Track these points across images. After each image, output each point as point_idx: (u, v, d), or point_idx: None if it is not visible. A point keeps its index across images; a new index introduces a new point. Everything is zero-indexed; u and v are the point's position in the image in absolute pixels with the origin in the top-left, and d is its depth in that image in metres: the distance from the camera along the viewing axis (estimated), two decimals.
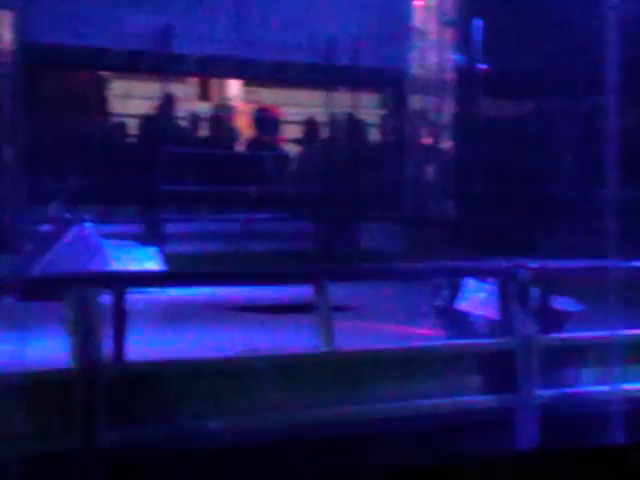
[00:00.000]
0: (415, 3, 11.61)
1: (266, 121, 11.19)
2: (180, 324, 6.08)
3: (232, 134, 11.22)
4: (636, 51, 4.51)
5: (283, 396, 4.82)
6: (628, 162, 4.46)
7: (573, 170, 8.45)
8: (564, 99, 9.56)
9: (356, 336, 5.64)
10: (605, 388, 4.98)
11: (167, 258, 8.52)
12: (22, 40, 9.28)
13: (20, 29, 9.26)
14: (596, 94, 4.47)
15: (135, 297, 4.72)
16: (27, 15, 9.24)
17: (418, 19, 11.77)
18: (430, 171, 11.07)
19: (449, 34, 11.41)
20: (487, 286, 5.95)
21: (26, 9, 9.16)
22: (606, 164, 4.24)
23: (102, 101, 10.56)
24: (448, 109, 11.22)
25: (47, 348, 4.63)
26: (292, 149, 11.45)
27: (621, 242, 4.68)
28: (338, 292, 5.28)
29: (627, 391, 4.99)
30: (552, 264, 5.74)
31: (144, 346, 4.77)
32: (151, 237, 9.26)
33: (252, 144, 11.10)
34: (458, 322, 5.85)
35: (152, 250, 6.81)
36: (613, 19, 4.19)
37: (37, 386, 4.15)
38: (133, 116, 10.57)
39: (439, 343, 5.44)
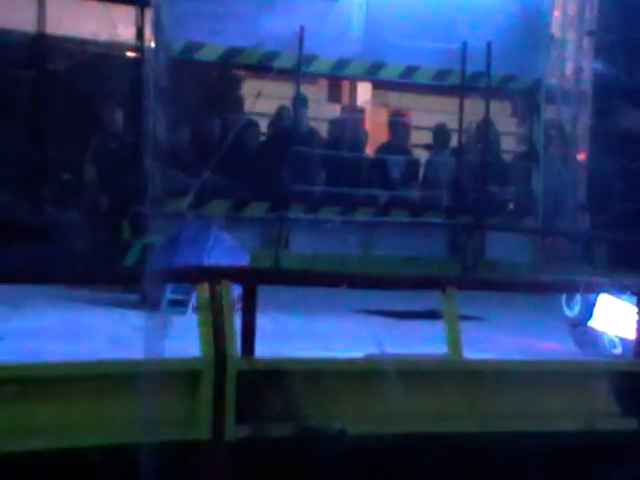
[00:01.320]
0: (555, 11, 11.37)
1: (397, 125, 11.13)
2: (310, 321, 6.09)
3: (362, 137, 11.20)
4: None
5: (408, 403, 4.76)
6: None
7: None
8: None
9: (484, 346, 5.53)
10: None
11: (292, 257, 8.56)
12: (160, 37, 9.49)
13: (159, 26, 9.48)
14: None
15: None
16: (166, 13, 9.44)
17: (556, 27, 11.52)
18: (564, 183, 10.82)
19: (588, 44, 11.13)
20: (623, 304, 5.75)
21: (165, 7, 9.36)
22: None
23: (235, 99, 10.71)
24: (585, 120, 10.94)
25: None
26: (421, 155, 11.35)
27: None
28: (465, 301, 5.19)
29: None
30: None
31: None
32: (278, 236, 9.33)
33: (382, 148, 11.06)
34: (591, 339, 5.68)
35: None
36: None
37: (169, 374, 4.20)
38: (264, 115, 10.68)
39: (570, 360, 5.28)
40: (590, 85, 10.95)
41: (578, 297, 5.80)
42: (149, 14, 9.47)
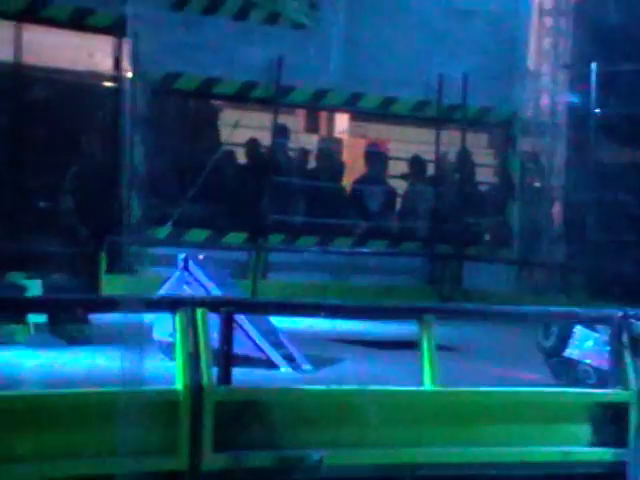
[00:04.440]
0: (530, 44, 11.51)
1: (375, 156, 11.21)
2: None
3: (339, 167, 11.27)
4: None
5: (386, 433, 4.76)
6: None
7: None
8: None
9: (460, 376, 5.55)
10: None
11: (271, 286, 8.54)
12: (138, 67, 9.53)
13: (136, 56, 9.52)
14: None
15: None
16: (143, 43, 9.49)
17: (532, 61, 11.67)
18: (540, 214, 10.91)
19: (563, 77, 11.28)
20: (597, 334, 5.79)
21: (143, 37, 9.41)
22: None
23: (213, 129, 10.75)
24: (560, 152, 11.06)
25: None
26: (398, 185, 11.43)
27: None
28: (442, 331, 5.21)
29: None
30: None
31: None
32: (257, 265, 9.34)
33: (360, 178, 11.13)
34: (567, 369, 5.71)
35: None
36: None
37: (145, 404, 4.19)
38: (242, 145, 10.72)
39: (546, 389, 5.31)
40: (565, 117, 11.09)
41: (554, 327, 5.84)
42: (128, 44, 9.51)
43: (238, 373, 4.56)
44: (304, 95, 10.76)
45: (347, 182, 11.18)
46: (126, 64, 9.52)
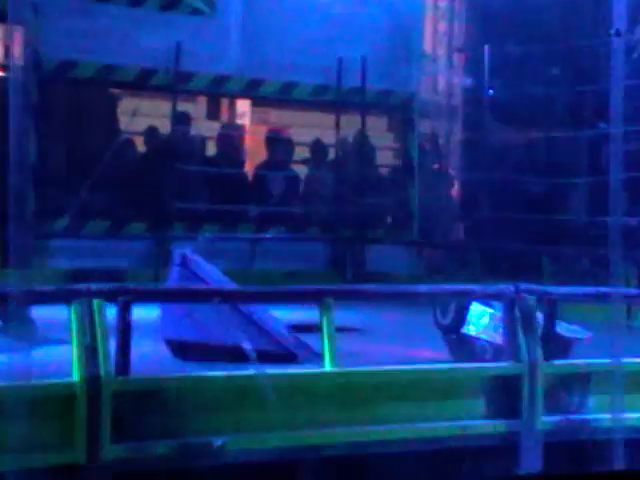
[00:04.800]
0: (426, 28, 11.68)
1: (277, 142, 11.23)
2: None
3: (241, 154, 11.26)
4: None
5: (285, 415, 4.82)
6: (633, 188, 4.45)
7: (580, 197, 8.49)
8: (570, 126, 9.64)
9: (362, 357, 5.64)
10: (608, 416, 4.97)
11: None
12: (32, 55, 9.34)
13: (31, 44, 9.33)
14: (602, 121, 4.52)
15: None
16: (38, 30, 9.31)
17: (429, 44, 11.84)
18: (439, 195, 11.10)
19: (458, 59, 11.47)
20: (492, 310, 5.95)
21: (37, 24, 9.22)
22: (611, 191, 4.26)
23: (111, 118, 10.61)
24: (457, 134, 11.26)
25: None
26: (301, 170, 11.48)
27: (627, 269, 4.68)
28: (345, 314, 5.29)
29: (629, 419, 4.97)
30: (558, 289, 5.74)
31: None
32: (159, 255, 9.28)
33: (263, 164, 11.14)
34: (464, 346, 5.85)
35: None
36: (617, 46, 4.22)
37: (41, 398, 4.15)
38: (142, 133, 10.62)
39: (442, 366, 5.44)
40: (460, 99, 11.29)
41: (451, 305, 5.97)
42: (19, 32, 9.31)
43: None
44: (204, 82, 10.70)
45: (250, 168, 11.18)
46: (17, 52, 9.31)
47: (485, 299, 5.88)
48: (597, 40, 5.71)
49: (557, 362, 5.31)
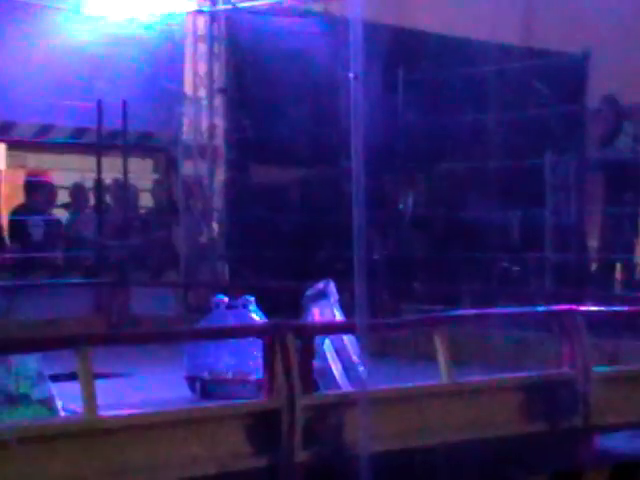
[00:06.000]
0: (185, 69, 11.78)
1: (34, 186, 10.92)
2: None
3: None
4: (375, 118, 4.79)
5: (46, 468, 4.66)
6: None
7: (331, 234, 8.80)
8: (317, 166, 10.01)
9: (121, 402, 5.54)
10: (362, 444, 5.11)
11: None
12: None
13: None
14: (346, 160, 4.72)
15: None
16: None
17: (190, 85, 11.92)
18: (204, 235, 11.16)
19: (220, 100, 11.63)
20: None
21: None
22: (355, 228, 4.45)
23: None
24: (220, 174, 11.39)
25: None
26: (62, 214, 11.21)
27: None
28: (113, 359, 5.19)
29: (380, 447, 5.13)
30: (314, 323, 5.88)
31: None
32: None
33: (19, 209, 10.78)
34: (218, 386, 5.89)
35: None
36: (355, 87, 4.44)
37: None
38: None
39: (200, 406, 5.44)
40: (222, 140, 11.46)
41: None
42: None
43: None
44: None
45: (5, 214, 10.81)
46: None
47: (248, 336, 5.94)
48: (338, 83, 5.98)
49: (314, 394, 5.42)
